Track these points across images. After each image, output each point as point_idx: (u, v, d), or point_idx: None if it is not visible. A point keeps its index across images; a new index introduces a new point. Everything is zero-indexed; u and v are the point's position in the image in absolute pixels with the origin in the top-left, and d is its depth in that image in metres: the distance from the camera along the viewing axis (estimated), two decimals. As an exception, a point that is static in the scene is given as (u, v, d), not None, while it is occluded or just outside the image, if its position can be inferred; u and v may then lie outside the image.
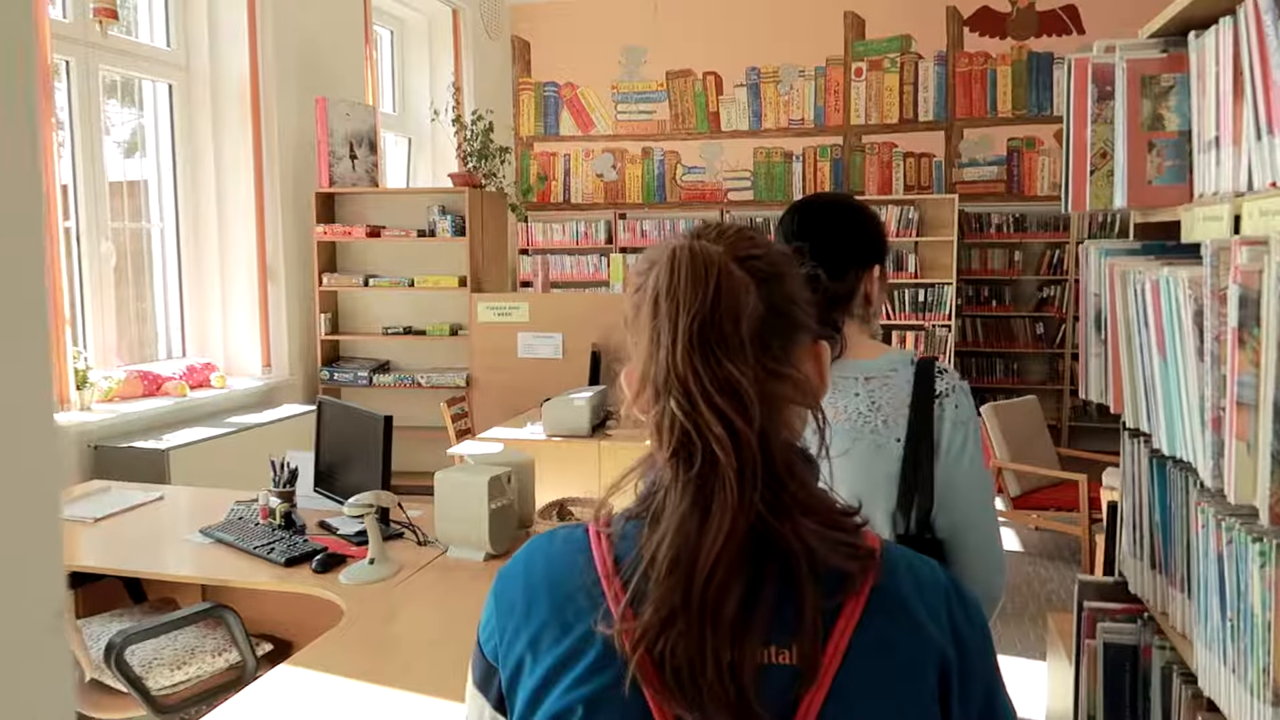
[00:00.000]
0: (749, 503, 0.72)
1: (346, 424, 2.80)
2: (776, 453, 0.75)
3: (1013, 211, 7.44)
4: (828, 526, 0.75)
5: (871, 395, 1.40)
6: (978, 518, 1.40)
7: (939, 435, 1.38)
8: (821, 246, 1.45)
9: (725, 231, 0.83)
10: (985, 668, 0.78)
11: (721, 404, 0.73)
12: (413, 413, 5.57)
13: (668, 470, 0.76)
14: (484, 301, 5.37)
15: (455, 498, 2.47)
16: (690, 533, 0.73)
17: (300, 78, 5.42)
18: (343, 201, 5.68)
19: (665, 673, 0.71)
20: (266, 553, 2.50)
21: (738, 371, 0.74)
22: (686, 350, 0.75)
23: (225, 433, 4.36)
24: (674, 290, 0.76)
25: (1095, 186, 1.43)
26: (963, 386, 1.43)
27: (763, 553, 0.73)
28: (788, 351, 0.80)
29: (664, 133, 8.00)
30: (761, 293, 0.78)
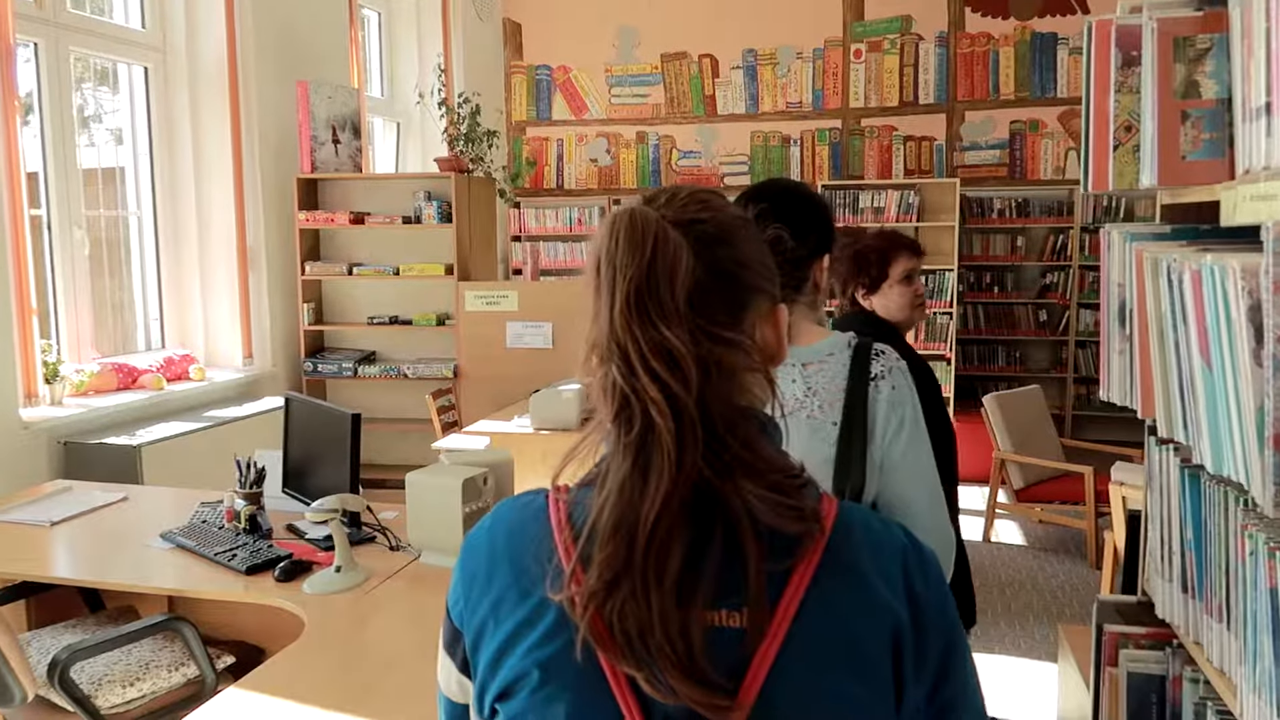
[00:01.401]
0: (688, 465, 0.72)
1: (315, 422, 2.66)
2: (718, 416, 0.74)
3: (1015, 196, 7.27)
4: (771, 489, 0.74)
5: (808, 380, 1.43)
6: (918, 497, 1.42)
7: (873, 417, 1.40)
8: (773, 240, 1.41)
9: (678, 195, 0.82)
10: (943, 627, 0.77)
11: (658, 368, 0.74)
12: (399, 404, 5.44)
13: (612, 434, 0.76)
14: (471, 290, 5.22)
15: (427, 501, 2.32)
16: (630, 495, 0.73)
17: (281, 60, 5.25)
18: (326, 187, 5.52)
19: (615, 635, 0.72)
20: (228, 560, 2.35)
21: (674, 337, 0.74)
22: (624, 315, 0.75)
23: (202, 427, 4.21)
24: (612, 255, 0.77)
25: (1119, 164, 1.28)
26: (900, 368, 1.44)
27: (707, 515, 0.73)
28: (737, 316, 0.79)
29: (659, 116, 7.83)
30: (704, 257, 0.78)
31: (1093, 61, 1.31)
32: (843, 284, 2.27)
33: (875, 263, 2.21)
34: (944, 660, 0.76)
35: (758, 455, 0.75)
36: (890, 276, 2.21)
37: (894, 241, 2.25)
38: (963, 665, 0.78)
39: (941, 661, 0.76)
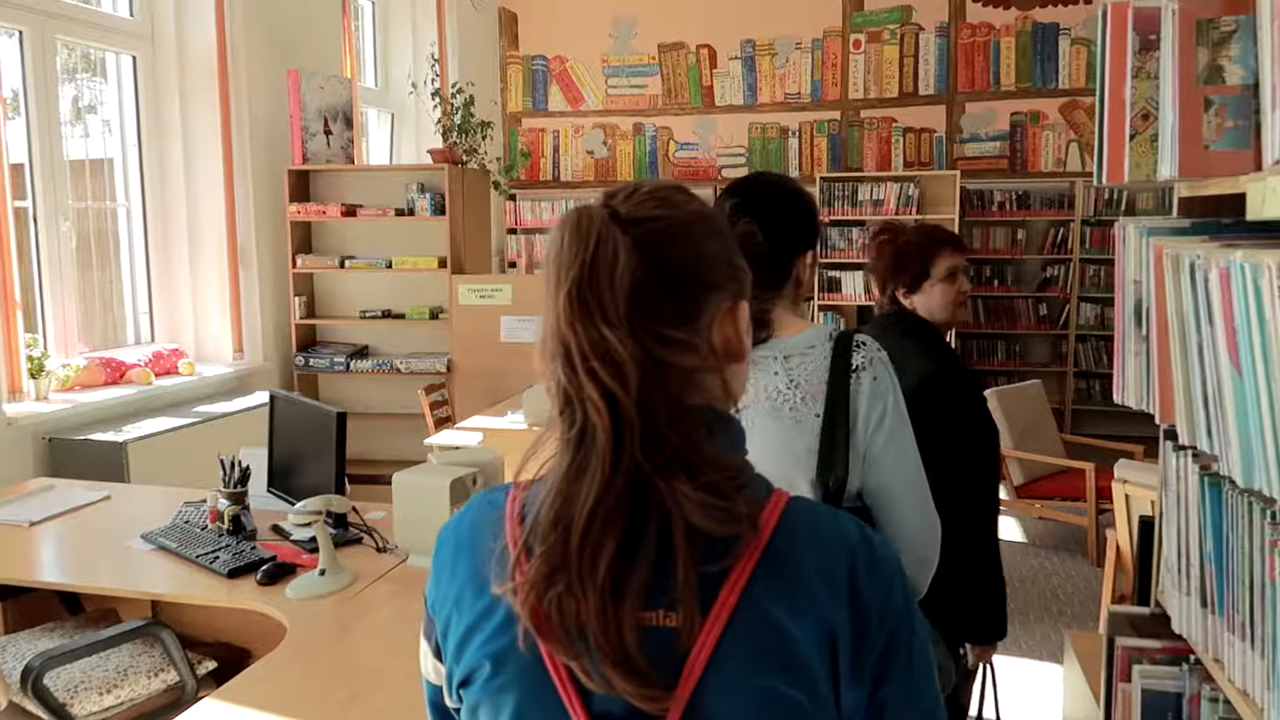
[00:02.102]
0: (624, 464, 0.73)
1: (299, 420, 2.59)
2: (661, 415, 0.74)
3: (1015, 188, 7.20)
4: (706, 490, 0.74)
5: (790, 373, 1.43)
6: (902, 486, 1.43)
7: (856, 408, 1.40)
8: (760, 238, 1.46)
9: (638, 191, 0.82)
10: (889, 629, 0.76)
11: (597, 368, 0.74)
12: (392, 399, 5.37)
13: (557, 430, 0.77)
14: (465, 283, 5.15)
15: (415, 502, 2.25)
16: (568, 491, 0.75)
17: (272, 49, 5.17)
18: (317, 179, 5.44)
19: (554, 627, 0.73)
20: (209, 562, 2.29)
21: (614, 337, 0.74)
22: (567, 313, 0.75)
23: (190, 423, 4.14)
24: (557, 253, 0.78)
25: (1135, 154, 1.21)
26: (881, 358, 1.44)
27: (643, 513, 0.74)
28: (689, 315, 0.79)
29: (656, 108, 7.75)
30: (652, 256, 0.77)
31: (1108, 46, 1.24)
32: (882, 282, 2.17)
33: (917, 259, 2.11)
34: (883, 662, 0.76)
35: (699, 454, 0.75)
36: (932, 274, 2.09)
37: (937, 237, 2.15)
38: (904, 668, 0.77)
39: (880, 664, 0.76)
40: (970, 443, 1.99)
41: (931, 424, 1.96)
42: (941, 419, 1.98)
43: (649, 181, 0.85)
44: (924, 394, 1.98)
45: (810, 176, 7.36)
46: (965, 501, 1.97)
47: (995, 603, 2.02)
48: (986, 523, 2.02)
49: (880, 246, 2.17)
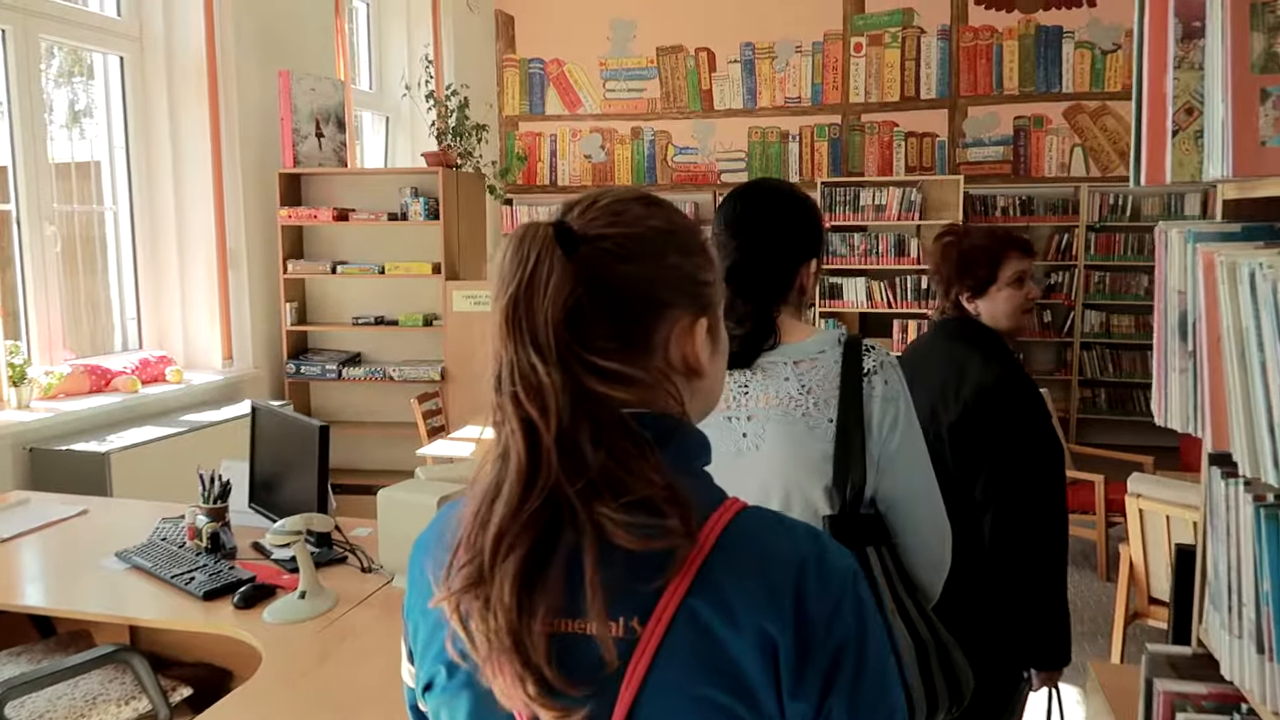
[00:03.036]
0: (538, 488, 0.73)
1: (282, 433, 2.48)
2: (585, 442, 0.74)
3: (1019, 193, 7.10)
4: (633, 508, 0.73)
5: (801, 378, 1.42)
6: (915, 491, 1.42)
7: (869, 413, 1.40)
8: (762, 240, 1.48)
9: (595, 204, 0.81)
10: (836, 643, 0.74)
11: (520, 395, 0.74)
12: (384, 407, 5.26)
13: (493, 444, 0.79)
14: (459, 289, 5.04)
15: (400, 520, 2.15)
16: (488, 506, 0.75)
17: (263, 50, 5.06)
18: (309, 183, 5.33)
19: (475, 640, 0.75)
20: (185, 583, 2.18)
21: (540, 364, 0.73)
22: (500, 332, 0.75)
23: (177, 433, 4.03)
24: (500, 269, 0.77)
25: (1178, 153, 1.10)
26: (891, 362, 1.44)
27: (557, 531, 0.74)
28: (636, 337, 0.78)
29: (654, 112, 7.65)
30: (597, 276, 0.76)
31: (1145, 35, 1.14)
32: (945, 286, 2.08)
33: (983, 264, 2.02)
34: (830, 676, 0.74)
35: (629, 472, 0.74)
36: (999, 279, 2.01)
37: (1004, 240, 2.06)
38: (853, 680, 0.75)
39: (827, 677, 0.74)
40: (1031, 459, 1.90)
41: (989, 438, 1.90)
42: (999, 433, 1.90)
43: (613, 191, 0.83)
44: (981, 405, 1.90)
45: (811, 181, 7.26)
46: (1028, 522, 1.88)
47: (1061, 628, 1.93)
48: (1052, 545, 1.92)
49: (945, 249, 2.09)
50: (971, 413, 1.90)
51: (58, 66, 4.61)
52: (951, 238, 2.10)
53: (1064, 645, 1.93)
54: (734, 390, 1.45)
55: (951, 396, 1.93)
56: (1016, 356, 2.04)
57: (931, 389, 1.96)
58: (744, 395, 1.44)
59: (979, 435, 1.89)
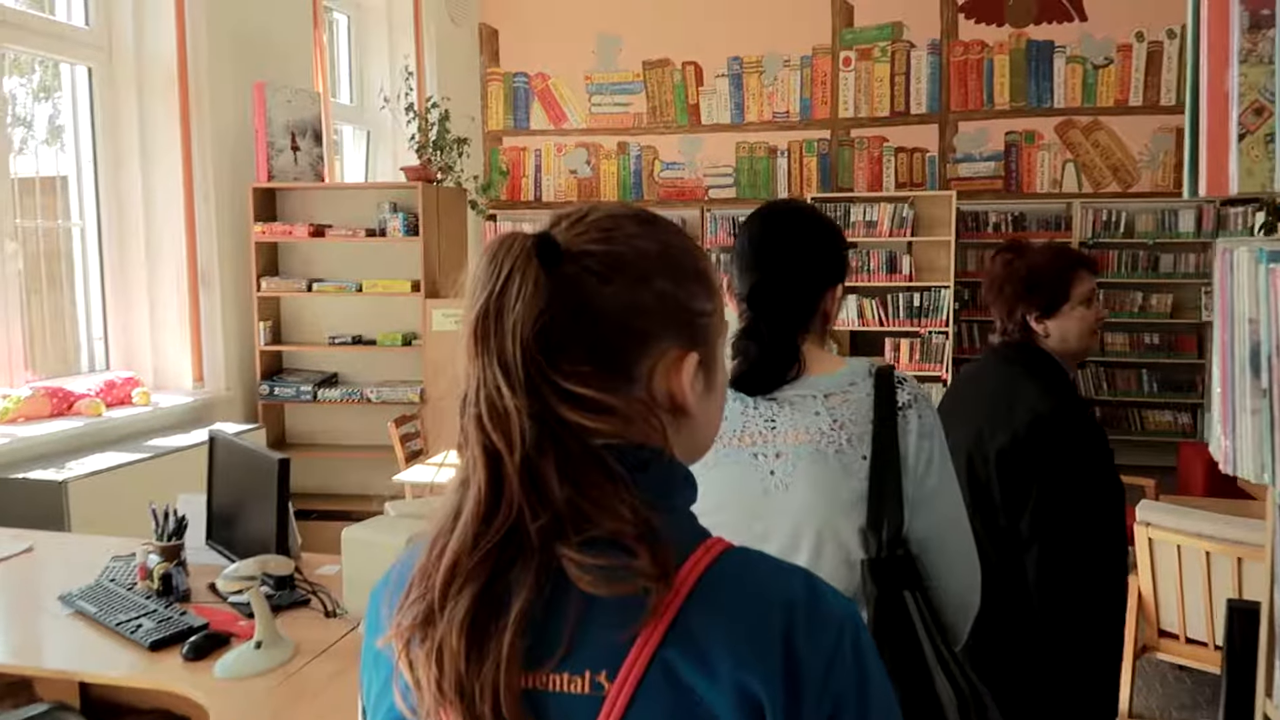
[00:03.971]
0: (498, 522, 0.68)
1: (240, 466, 2.30)
2: (551, 474, 0.67)
3: (1011, 210, 7.00)
4: (598, 549, 0.66)
5: (833, 413, 1.36)
6: (949, 530, 1.38)
7: (905, 449, 1.35)
8: (784, 263, 1.43)
9: (585, 218, 0.75)
10: (833, 691, 0.67)
11: (484, 419, 0.68)
12: (362, 430, 5.07)
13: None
14: (439, 308, 4.88)
15: (366, 562, 1.98)
16: (443, 536, 0.70)
17: (237, 62, 4.90)
18: (284, 198, 5.16)
19: (422, 681, 0.69)
20: (131, 631, 2.00)
21: (506, 387, 0.68)
22: (468, 348, 0.70)
23: (142, 459, 3.84)
24: (472, 279, 0.72)
25: (1246, 158, 0.96)
26: (924, 396, 1.40)
27: (515, 572, 0.67)
28: (617, 365, 0.72)
29: (641, 126, 7.52)
30: (570, 297, 0.70)
31: (1203, 26, 0.99)
32: (1008, 306, 1.97)
33: (1054, 282, 1.94)
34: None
35: (597, 508, 0.68)
36: (1072, 297, 1.93)
37: (1072, 258, 2.00)
38: None
39: None
40: (1083, 495, 1.78)
41: (1039, 468, 1.78)
42: (1050, 464, 1.78)
43: (608, 206, 0.77)
44: (1034, 434, 1.80)
45: (800, 197, 7.14)
46: (1076, 563, 1.76)
47: (1108, 684, 1.80)
48: (1101, 592, 1.80)
49: (1009, 267, 1.98)
50: (1022, 441, 1.80)
51: (11, 74, 4.45)
52: (1014, 254, 2.00)
53: (1112, 700, 1.81)
54: (760, 424, 1.38)
55: (1002, 422, 1.84)
56: (1075, 384, 1.94)
57: (981, 414, 1.88)
58: (771, 430, 1.37)
59: (1028, 465, 1.79)
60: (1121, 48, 6.79)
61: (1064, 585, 1.75)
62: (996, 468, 1.82)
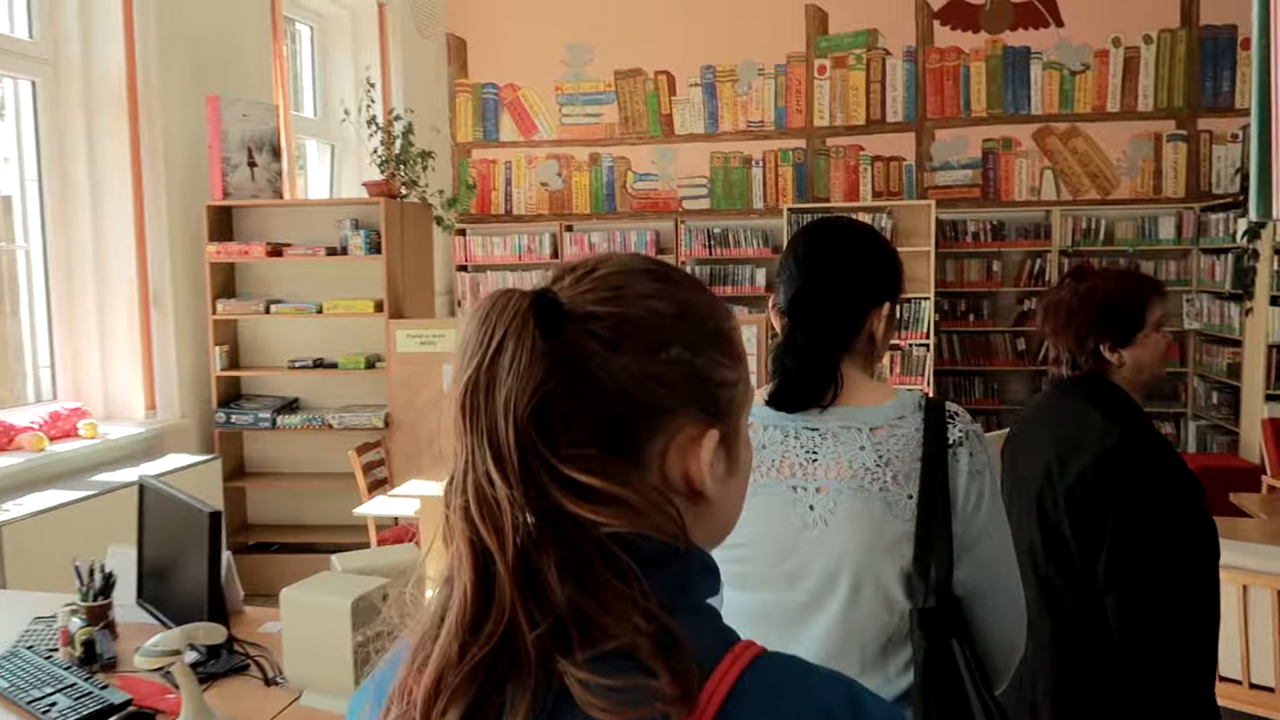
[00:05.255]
0: (486, 632, 0.59)
1: (171, 517, 2.11)
2: (550, 573, 0.58)
3: (990, 218, 6.90)
4: (611, 663, 0.56)
5: (878, 448, 1.29)
6: (998, 574, 1.31)
7: (954, 489, 1.27)
8: (828, 276, 1.37)
9: (592, 274, 0.66)
10: None
11: (471, 509, 0.60)
12: (324, 457, 4.87)
13: None
14: (403, 329, 4.69)
15: (306, 625, 1.79)
16: (427, 643, 0.61)
17: (190, 75, 4.70)
18: (241, 216, 4.96)
19: None
20: (43, 710, 1.80)
21: (498, 475, 0.59)
22: (456, 423, 0.61)
23: (85, 496, 3.62)
24: (462, 345, 0.63)
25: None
26: (976, 431, 1.31)
27: (511, 689, 0.58)
28: (625, 445, 0.63)
29: (613, 137, 7.36)
30: (573, 368, 0.61)
31: (1274, 23, 0.84)
32: (1077, 336, 1.85)
33: (1129, 309, 1.84)
34: None
35: (604, 611, 0.59)
36: (1147, 323, 1.84)
37: (1146, 284, 1.91)
38: None
39: None
40: (1169, 538, 1.64)
41: (1112, 507, 1.65)
42: (1124, 501, 1.65)
43: (618, 259, 0.68)
44: (1104, 470, 1.67)
45: (776, 208, 7.02)
46: (1160, 607, 1.62)
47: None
48: (1198, 641, 1.66)
49: (1084, 296, 1.86)
50: (1090, 479, 1.68)
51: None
52: (1083, 282, 1.89)
53: None
54: (800, 456, 1.31)
55: (1071, 461, 1.72)
56: (1145, 414, 1.83)
57: (1049, 453, 1.78)
58: (812, 463, 1.30)
59: (1100, 504, 1.67)
60: (1098, 54, 6.71)
61: (1150, 631, 1.63)
62: (1066, 509, 1.71)
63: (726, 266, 7.03)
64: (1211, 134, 6.62)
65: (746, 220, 7.14)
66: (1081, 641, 1.68)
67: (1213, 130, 6.62)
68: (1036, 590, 1.73)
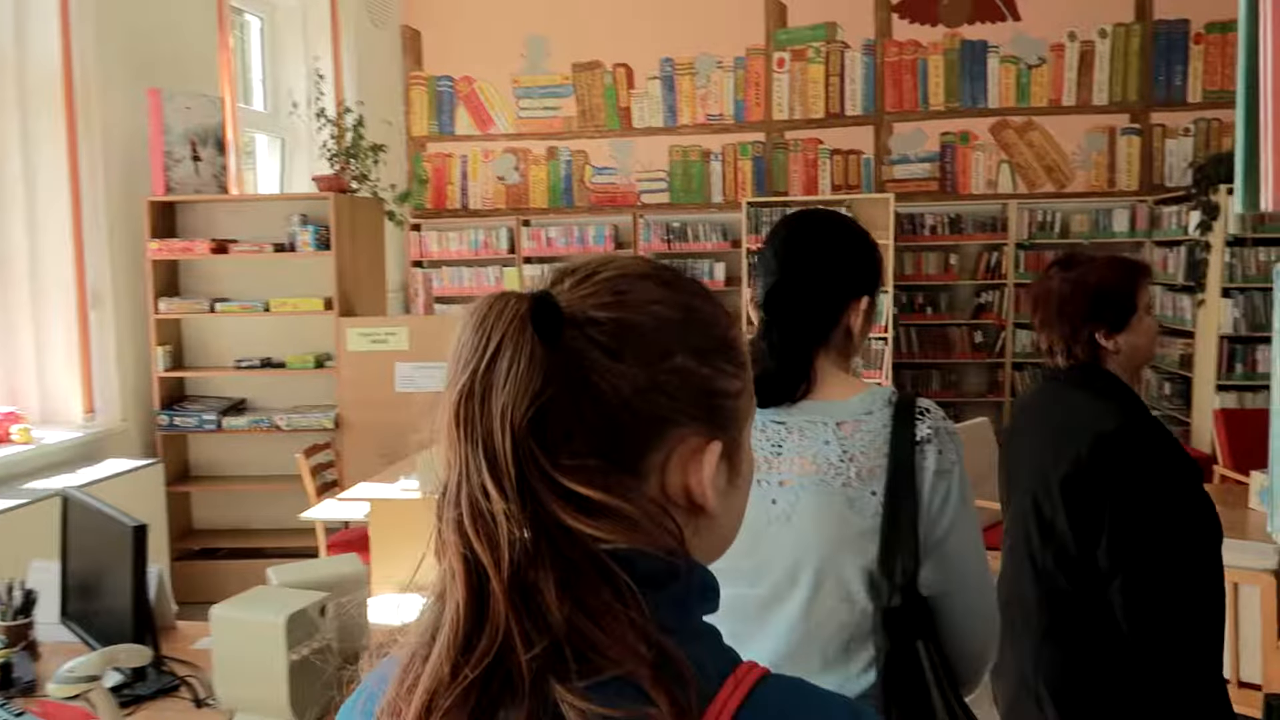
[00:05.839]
0: (482, 644, 0.56)
1: (95, 532, 2.00)
2: (548, 592, 0.56)
3: (948, 211, 6.91)
4: (609, 690, 0.54)
5: (844, 443, 1.28)
6: (966, 577, 1.29)
7: (920, 487, 1.26)
8: (804, 269, 1.35)
9: (594, 277, 0.63)
10: None
11: (465, 524, 0.57)
12: (272, 460, 4.74)
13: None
14: (354, 327, 4.58)
15: (238, 644, 1.70)
16: (417, 664, 0.59)
17: (131, 66, 4.54)
18: (184, 212, 4.81)
19: None
20: (-46, 739, 1.69)
21: (494, 488, 0.57)
22: (449, 433, 0.59)
23: (14, 506, 3.47)
24: (455, 351, 0.61)
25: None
26: (947, 428, 1.29)
27: (499, 714, 0.56)
28: (625, 457, 0.61)
29: (571, 130, 7.28)
30: (573, 375, 0.59)
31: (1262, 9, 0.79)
32: (1071, 327, 1.81)
33: (1122, 294, 1.81)
34: None
35: (603, 633, 0.56)
36: (1139, 306, 1.81)
37: (1134, 267, 1.86)
38: None
39: None
40: (1170, 522, 1.62)
41: (1109, 493, 1.63)
42: (1121, 487, 1.63)
43: (621, 261, 0.66)
44: (1101, 459, 1.65)
45: (735, 201, 6.98)
46: (1164, 594, 1.60)
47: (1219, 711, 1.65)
48: (1206, 624, 1.64)
49: (1075, 283, 1.82)
50: (1086, 466, 1.66)
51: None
52: (1074, 272, 1.84)
53: None
54: (766, 448, 1.29)
55: (1064, 447, 1.70)
56: (1141, 399, 1.81)
57: (1041, 440, 1.77)
58: (777, 456, 1.29)
59: (1097, 491, 1.64)
60: (1054, 47, 6.74)
61: (1157, 616, 1.61)
62: (1063, 496, 1.68)
63: (685, 261, 6.97)
64: (1164, 128, 6.68)
65: (705, 214, 7.09)
66: (1082, 629, 1.66)
67: (1165, 124, 6.68)
68: (1035, 579, 1.72)
